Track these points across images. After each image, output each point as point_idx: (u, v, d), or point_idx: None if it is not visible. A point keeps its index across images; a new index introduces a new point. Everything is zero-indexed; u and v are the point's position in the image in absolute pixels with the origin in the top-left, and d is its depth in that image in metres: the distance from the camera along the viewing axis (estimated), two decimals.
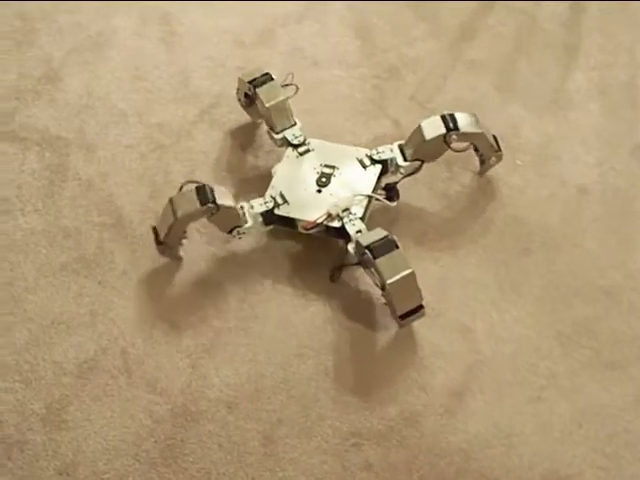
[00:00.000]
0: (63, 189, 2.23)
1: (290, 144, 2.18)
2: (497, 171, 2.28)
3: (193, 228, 2.13)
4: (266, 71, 2.24)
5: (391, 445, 1.85)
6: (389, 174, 2.17)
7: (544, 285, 2.09)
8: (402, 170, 2.14)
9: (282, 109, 2.20)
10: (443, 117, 2.10)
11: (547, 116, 2.41)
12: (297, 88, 2.25)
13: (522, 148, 2.35)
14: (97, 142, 2.39)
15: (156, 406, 1.90)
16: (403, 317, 1.96)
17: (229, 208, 2.02)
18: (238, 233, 2.06)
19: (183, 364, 1.97)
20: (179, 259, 2.14)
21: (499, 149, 2.21)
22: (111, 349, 1.99)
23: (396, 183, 2.15)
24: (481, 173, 2.29)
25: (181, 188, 2.04)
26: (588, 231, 2.19)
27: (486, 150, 2.20)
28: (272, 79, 2.23)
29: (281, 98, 2.21)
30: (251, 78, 2.24)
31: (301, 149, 2.17)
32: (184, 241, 2.12)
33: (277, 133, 2.20)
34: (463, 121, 2.11)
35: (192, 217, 2.02)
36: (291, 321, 2.03)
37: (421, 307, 1.95)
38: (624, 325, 2.02)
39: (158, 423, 1.88)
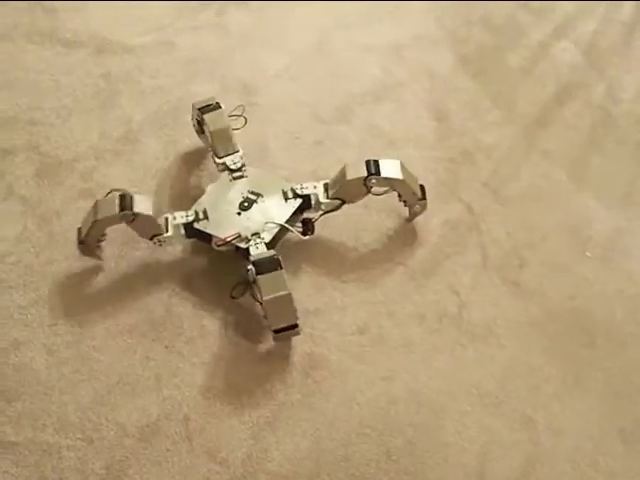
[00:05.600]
0: (136, 250, 2.26)
1: (228, 168, 2.30)
2: (565, 262, 2.28)
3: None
4: (216, 101, 2.38)
5: None
6: (312, 209, 2.26)
7: (608, 380, 2.08)
8: (323, 207, 2.24)
9: (225, 136, 2.33)
10: (367, 162, 2.20)
11: (619, 210, 2.42)
12: (245, 119, 2.40)
13: (592, 240, 2.35)
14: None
15: (215, 475, 1.91)
16: (278, 331, 2.04)
17: (146, 216, 2.13)
18: (159, 241, 2.18)
19: (244, 435, 1.97)
20: (99, 259, 2.25)
21: (423, 197, 2.28)
22: (174, 414, 2.00)
23: (312, 219, 2.25)
24: (408, 220, 2.36)
25: (106, 195, 2.20)
26: None
27: (408, 197, 2.26)
28: (219, 107, 2.36)
29: (224, 125, 2.34)
30: (202, 105, 2.38)
31: (236, 174, 2.29)
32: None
33: (219, 158, 2.32)
34: (386, 167, 2.20)
35: (111, 221, 2.15)
36: (355, 399, 2.04)
37: (296, 326, 2.04)
38: None
39: None
